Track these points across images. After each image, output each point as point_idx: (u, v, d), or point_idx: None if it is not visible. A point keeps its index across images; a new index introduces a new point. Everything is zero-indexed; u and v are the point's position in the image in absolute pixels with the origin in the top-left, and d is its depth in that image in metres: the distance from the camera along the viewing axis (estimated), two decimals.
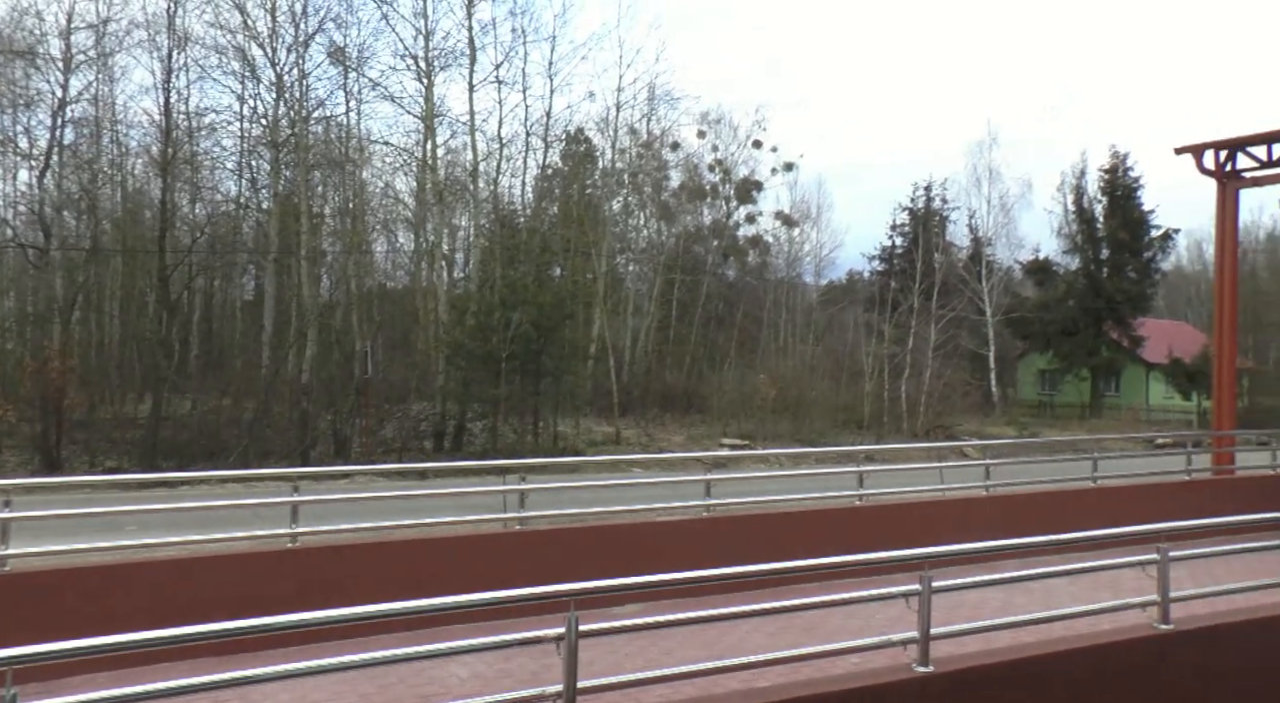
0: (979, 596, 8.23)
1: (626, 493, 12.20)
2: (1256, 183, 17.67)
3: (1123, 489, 14.25)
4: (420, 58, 31.89)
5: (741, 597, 6.07)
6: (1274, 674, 7.45)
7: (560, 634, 4.86)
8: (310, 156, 31.90)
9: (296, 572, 8.36)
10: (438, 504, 11.10)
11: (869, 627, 6.79)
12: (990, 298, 48.99)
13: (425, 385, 28.27)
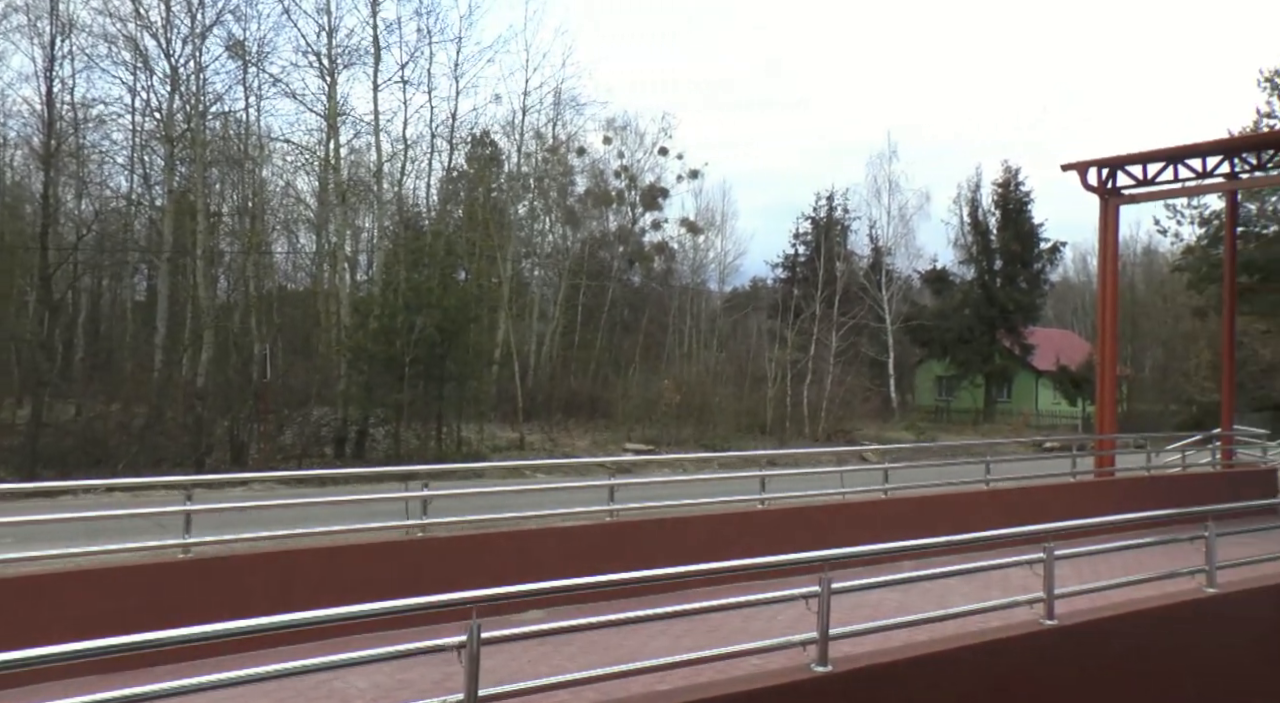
0: (877, 596, 8.43)
1: (530, 499, 12.15)
2: (1134, 200, 18.55)
3: (1013, 491, 14.75)
4: (323, 55, 31.22)
5: (646, 601, 6.11)
6: (1150, 664, 7.83)
7: (462, 642, 4.81)
8: (207, 153, 30.90)
9: (189, 584, 8.07)
10: (339, 512, 10.87)
11: (770, 629, 6.89)
12: (890, 306, 50.30)
13: (327, 390, 27.65)
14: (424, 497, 9.72)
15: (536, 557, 9.46)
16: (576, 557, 9.19)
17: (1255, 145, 19.92)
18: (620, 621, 5.72)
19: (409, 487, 10.06)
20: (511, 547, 9.67)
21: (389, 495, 10.68)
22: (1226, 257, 22.02)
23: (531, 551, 9.66)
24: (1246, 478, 18.65)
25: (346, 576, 8.48)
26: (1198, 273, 37.21)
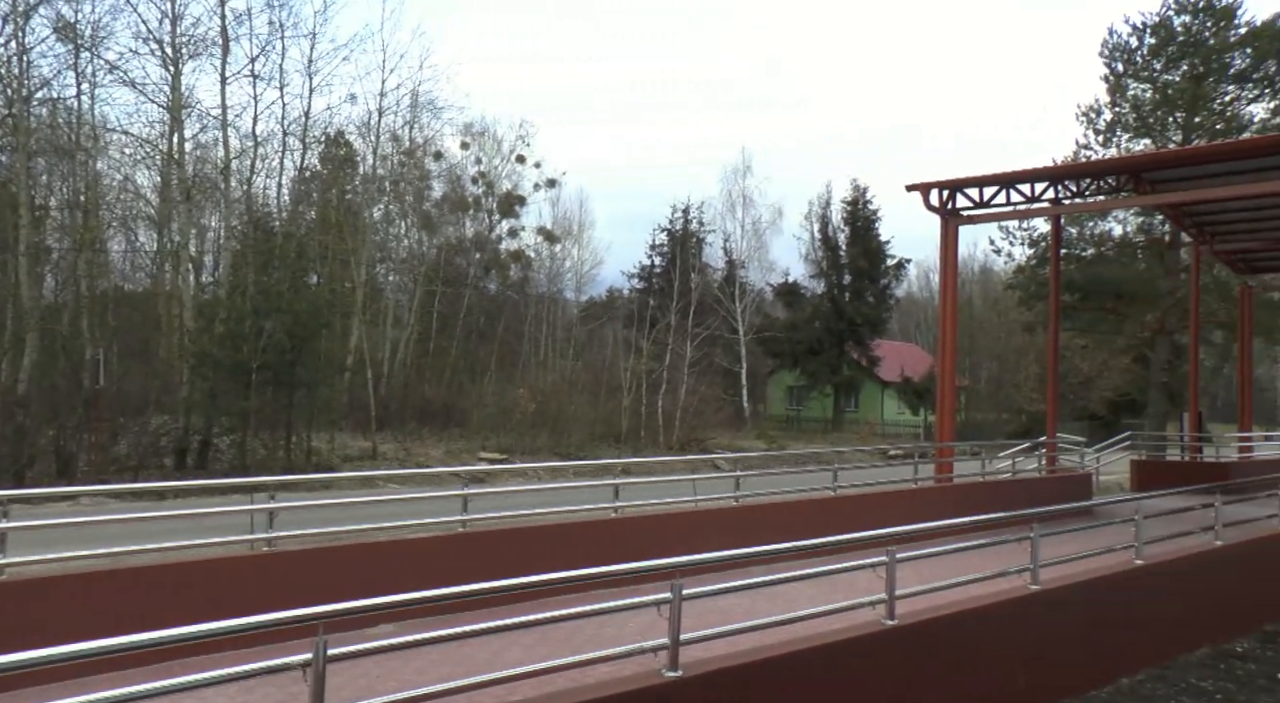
0: (728, 601, 8.58)
1: (382, 510, 11.84)
2: (972, 220, 19.55)
3: (860, 497, 15.30)
4: (166, 43, 29.62)
5: (498, 612, 6.05)
6: (982, 656, 8.28)
7: (307, 660, 4.67)
8: (32, 142, 28.90)
9: (4, 608, 7.52)
10: (179, 527, 10.36)
11: (623, 636, 6.96)
12: (743, 318, 51.47)
13: (167, 397, 26.24)
14: (271, 509, 9.37)
15: (388, 570, 9.25)
16: (429, 569, 9.02)
17: (1075, 174, 21.35)
18: (470, 633, 5.66)
19: (255, 499, 9.68)
20: (362, 560, 9.43)
21: (234, 508, 10.25)
22: (1052, 276, 23.50)
23: (382, 563, 9.44)
24: (1067, 482, 19.93)
25: (188, 594, 8.08)
26: (1027, 291, 39.59)
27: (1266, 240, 25.05)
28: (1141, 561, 10.37)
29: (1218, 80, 35.09)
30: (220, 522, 10.21)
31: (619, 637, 6.95)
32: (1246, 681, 9.73)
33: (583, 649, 6.20)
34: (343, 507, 11.68)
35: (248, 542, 9.42)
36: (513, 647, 7.50)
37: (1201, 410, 28.77)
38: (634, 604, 6.20)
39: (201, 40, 30.36)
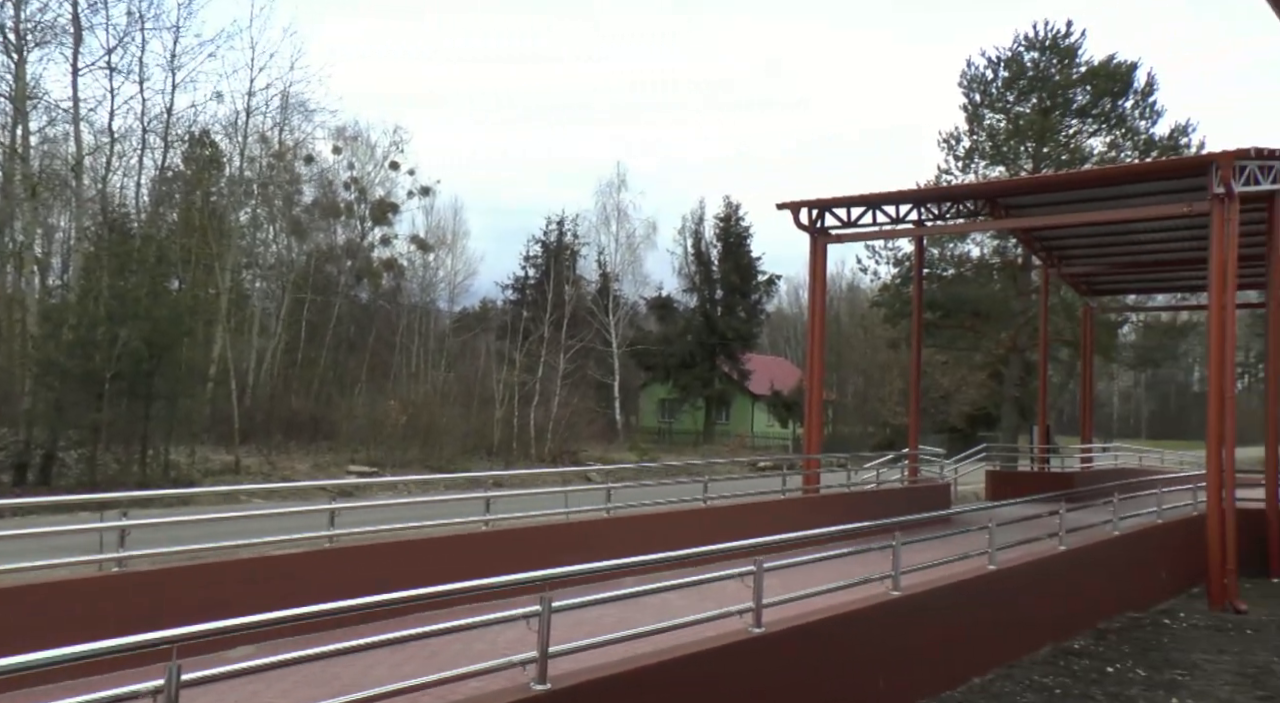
0: (599, 613, 8.63)
1: (245, 526, 11.39)
2: (840, 239, 20.20)
3: (730, 508, 15.55)
4: (8, 28, 27.93)
5: (365, 629, 5.93)
6: (846, 662, 8.54)
7: (159, 687, 4.47)
8: None
9: None
10: (17, 548, 9.74)
11: (492, 650, 6.90)
12: (616, 330, 51.79)
13: (7, 408, 24.67)
14: (122, 527, 8.91)
15: (250, 589, 8.92)
16: (293, 587, 8.76)
17: (937, 198, 22.33)
18: (334, 652, 5.52)
19: (105, 516, 9.19)
20: (221, 579, 9.07)
21: (80, 527, 9.71)
22: (915, 295, 24.46)
23: (244, 582, 9.10)
24: (928, 492, 20.74)
25: (26, 621, 7.61)
26: (892, 308, 41.11)
27: (1105, 265, 26.69)
28: (994, 566, 10.88)
29: (1063, 114, 37.38)
30: (66, 541, 9.67)
31: (489, 652, 6.89)
32: (1081, 675, 10.33)
33: (451, 665, 6.11)
34: (202, 523, 11.20)
35: (96, 562, 8.94)
36: (379, 665, 7.35)
37: (1049, 424, 30.41)
38: (502, 618, 6.16)
39: (50, 28, 28.69)
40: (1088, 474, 26.63)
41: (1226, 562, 14.83)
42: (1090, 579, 13.03)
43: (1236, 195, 15.19)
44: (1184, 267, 24.94)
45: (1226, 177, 14.96)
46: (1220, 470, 15.30)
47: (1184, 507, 17.04)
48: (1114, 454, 37.57)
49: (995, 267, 39.21)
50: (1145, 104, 36.85)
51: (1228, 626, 13.39)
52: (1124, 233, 23.11)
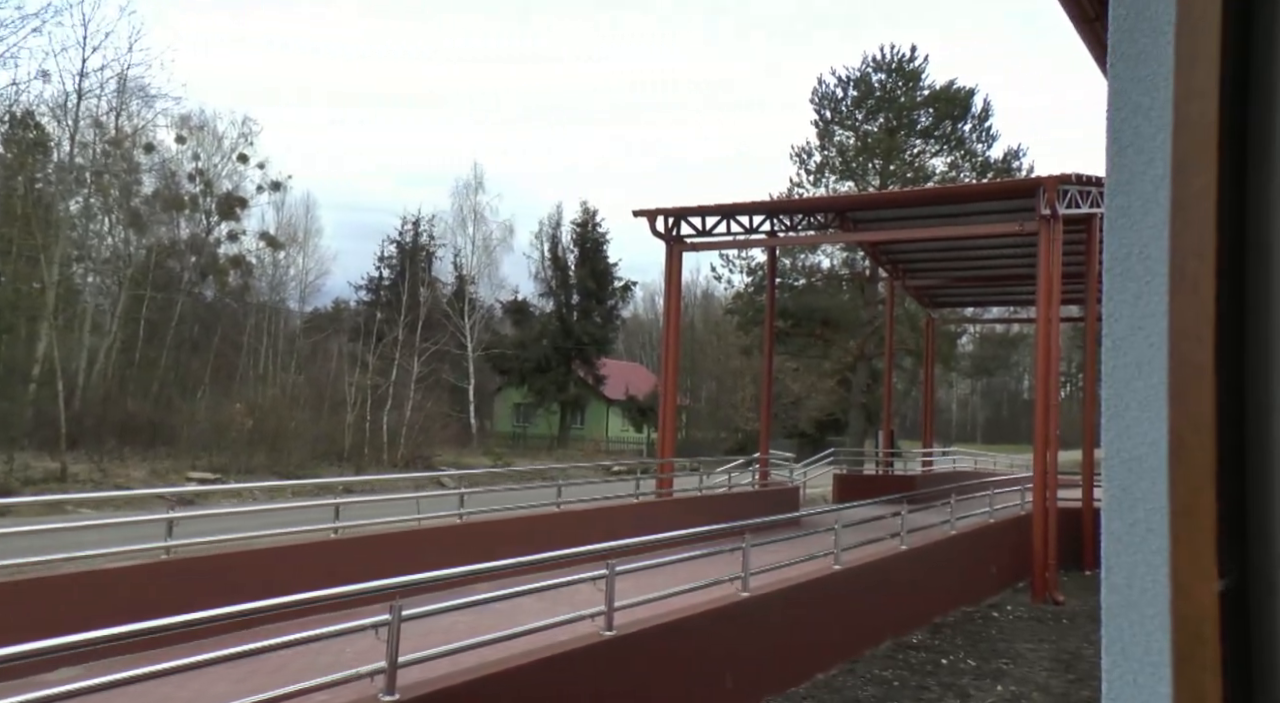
0: (450, 620, 8.56)
1: (72, 538, 10.78)
2: (695, 248, 20.59)
3: (583, 512, 15.65)
4: None
5: (205, 645, 5.72)
6: (696, 661, 8.72)
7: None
8: None
9: None
10: None
11: (339, 662, 6.76)
12: (472, 334, 51.20)
13: None
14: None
15: (76, 606, 8.45)
16: (126, 602, 8.35)
17: (789, 209, 23.04)
18: (167, 670, 5.29)
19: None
20: (42, 596, 8.54)
21: None
22: (767, 303, 25.14)
23: (68, 599, 8.60)
24: (777, 495, 21.34)
25: None
26: (745, 316, 42.14)
27: (946, 278, 28.09)
28: (839, 566, 11.32)
29: (908, 134, 39.21)
30: None
31: (336, 664, 6.74)
32: (918, 667, 10.87)
33: (297, 678, 5.96)
34: (20, 536, 10.53)
35: None
36: (220, 682, 7.08)
37: (893, 429, 31.72)
38: (351, 629, 6.06)
39: None
40: (928, 477, 27.91)
41: (1048, 558, 15.84)
42: (928, 577, 13.70)
43: (1060, 217, 16.27)
44: (1016, 282, 26.48)
45: (1052, 199, 16.00)
46: (1044, 473, 16.32)
47: (1013, 507, 18.12)
48: (952, 458, 39.50)
49: (844, 278, 40.69)
50: (982, 128, 39.06)
51: (1048, 616, 14.32)
52: (963, 249, 24.40)
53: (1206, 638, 0.69)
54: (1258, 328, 0.75)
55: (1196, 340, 0.74)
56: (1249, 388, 0.75)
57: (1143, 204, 0.82)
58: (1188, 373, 0.74)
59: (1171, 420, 0.74)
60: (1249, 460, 0.75)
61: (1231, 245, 0.77)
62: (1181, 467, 0.73)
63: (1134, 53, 0.83)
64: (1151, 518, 0.78)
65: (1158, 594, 0.76)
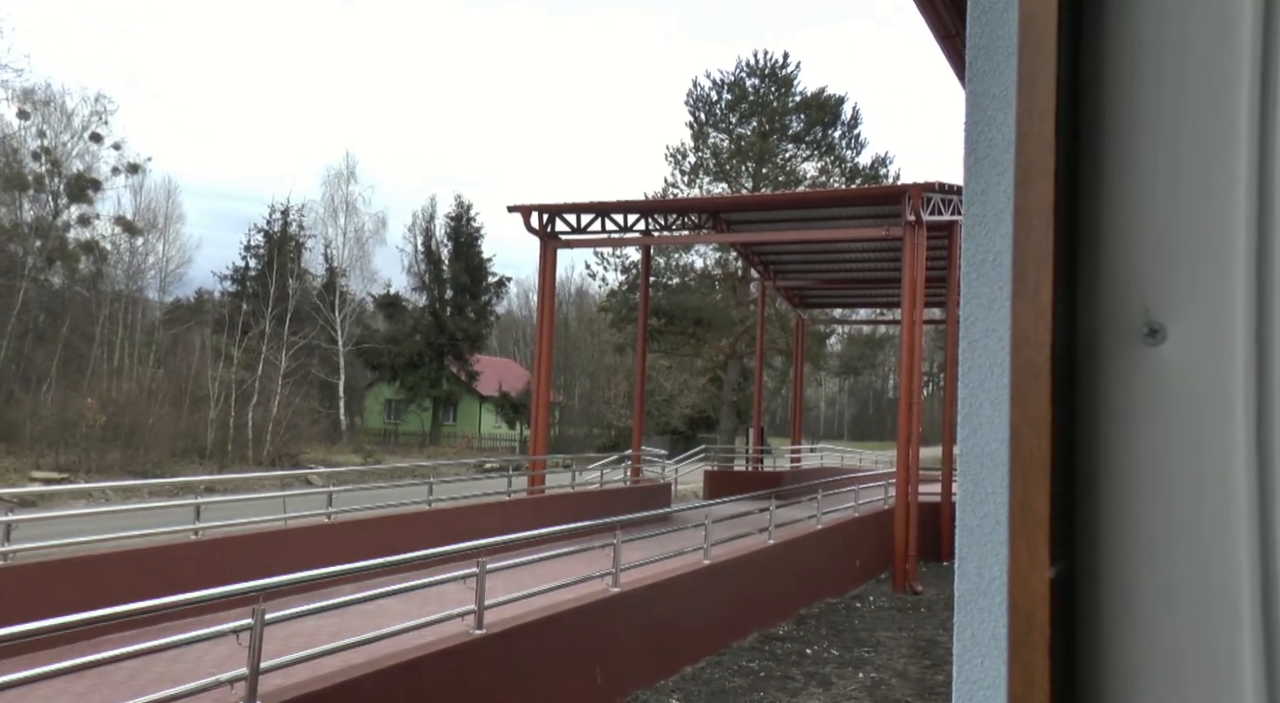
0: (316, 623, 8.35)
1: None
2: (570, 244, 20.57)
3: (455, 510, 15.45)
4: None
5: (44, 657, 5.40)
6: (566, 657, 8.73)
7: None
8: None
9: None
10: None
11: (198, 670, 6.50)
12: (343, 328, 49.87)
13: None
14: None
15: None
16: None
17: (664, 209, 23.27)
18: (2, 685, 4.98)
19: None
20: None
21: None
22: (641, 302, 25.32)
23: None
24: (649, 492, 21.52)
25: None
26: (619, 314, 42.39)
27: (816, 280, 28.85)
28: (709, 561, 11.50)
29: (780, 138, 40.14)
30: None
31: (193, 672, 6.48)
32: (784, 657, 11.16)
33: (148, 689, 5.71)
34: None
35: None
36: (62, 695, 6.71)
37: (763, 426, 32.41)
38: (210, 634, 5.82)
39: None
40: (796, 473, 28.63)
41: (909, 550, 16.46)
42: (795, 570, 14.06)
43: (924, 223, 16.92)
44: (882, 285, 27.40)
45: (917, 206, 16.63)
46: (907, 468, 16.95)
47: (877, 501, 18.76)
48: (820, 455, 40.59)
49: (717, 278, 41.35)
50: (851, 135, 40.31)
51: (907, 606, 14.90)
52: (832, 252, 25.11)
53: (1038, 622, 0.74)
54: (1088, 332, 0.81)
55: (1035, 343, 0.79)
56: (1080, 389, 0.80)
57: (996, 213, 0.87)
58: (1027, 374, 0.79)
59: (1013, 419, 0.79)
60: (1078, 457, 0.80)
61: (1066, 254, 0.82)
62: (1019, 463, 0.77)
63: (989, 69, 0.88)
64: (999, 511, 0.83)
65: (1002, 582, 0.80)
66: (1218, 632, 0.73)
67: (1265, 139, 0.76)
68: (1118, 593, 0.77)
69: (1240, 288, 0.76)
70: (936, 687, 10.16)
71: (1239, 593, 0.74)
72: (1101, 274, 0.81)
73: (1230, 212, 0.77)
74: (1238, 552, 0.74)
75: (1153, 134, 0.81)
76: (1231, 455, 0.75)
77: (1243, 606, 0.74)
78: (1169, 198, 0.80)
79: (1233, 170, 0.77)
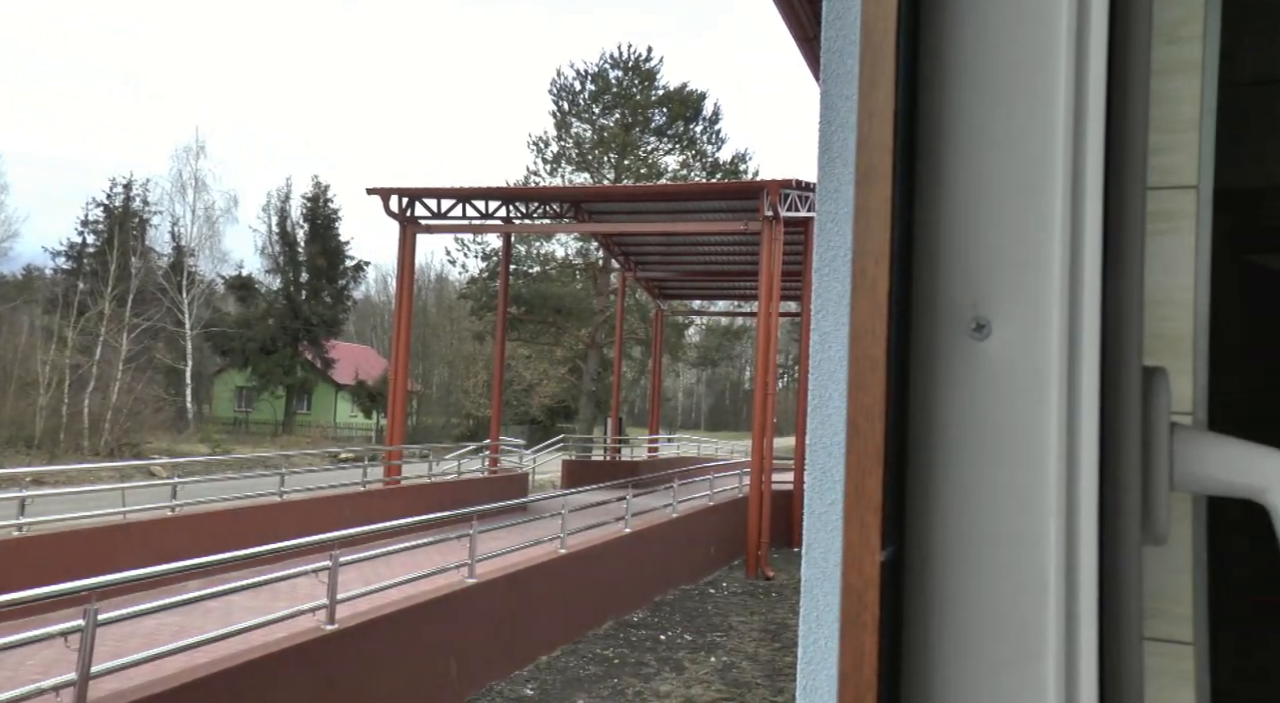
0: (156, 622, 7.97)
1: None
2: (430, 230, 20.21)
3: (308, 502, 15.00)
4: None
5: None
6: (421, 649, 8.61)
7: None
8: None
9: None
10: None
11: (19, 677, 6.12)
12: (190, 311, 47.60)
13: None
14: None
15: None
16: None
17: (526, 197, 23.13)
18: None
19: None
20: None
21: None
22: (501, 290, 25.12)
23: None
24: (507, 481, 21.42)
25: None
26: (479, 302, 41.93)
27: (676, 272, 29.22)
28: (565, 550, 11.53)
29: (642, 131, 40.47)
30: None
31: (14, 679, 6.09)
32: (638, 644, 11.32)
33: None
34: None
35: None
36: None
37: (621, 416, 32.65)
38: (34, 638, 5.47)
39: None
40: (654, 462, 28.97)
41: (761, 536, 16.91)
42: (650, 558, 14.25)
43: (781, 219, 17.37)
44: (740, 278, 27.97)
45: (774, 202, 17.05)
46: (761, 457, 17.40)
47: (732, 489, 19.19)
48: (677, 444, 41.18)
49: (578, 268, 41.38)
50: (712, 131, 40.97)
51: (759, 591, 15.32)
52: (692, 245, 25.47)
53: (868, 602, 0.78)
54: (922, 327, 0.85)
55: (872, 336, 0.83)
56: (913, 381, 0.85)
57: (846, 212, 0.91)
58: (864, 366, 0.83)
59: (850, 409, 0.83)
60: (909, 445, 0.85)
61: (903, 252, 0.86)
62: (854, 452, 0.81)
63: (842, 72, 0.92)
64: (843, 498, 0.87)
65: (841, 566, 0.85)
66: (1027, 610, 0.79)
67: (1078, 155, 0.83)
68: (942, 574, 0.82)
69: (1056, 290, 0.82)
70: (785, 668, 10.50)
71: (1046, 574, 0.80)
72: (935, 272, 0.85)
73: (1049, 220, 0.83)
74: (1047, 535, 0.80)
75: (984, 143, 0.87)
76: (1045, 443, 0.81)
77: (1049, 586, 0.80)
78: (998, 204, 0.86)
79: (1051, 182, 0.83)
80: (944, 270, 0.86)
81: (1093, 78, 0.83)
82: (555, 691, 9.47)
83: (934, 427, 0.83)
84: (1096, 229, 0.83)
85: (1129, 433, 0.86)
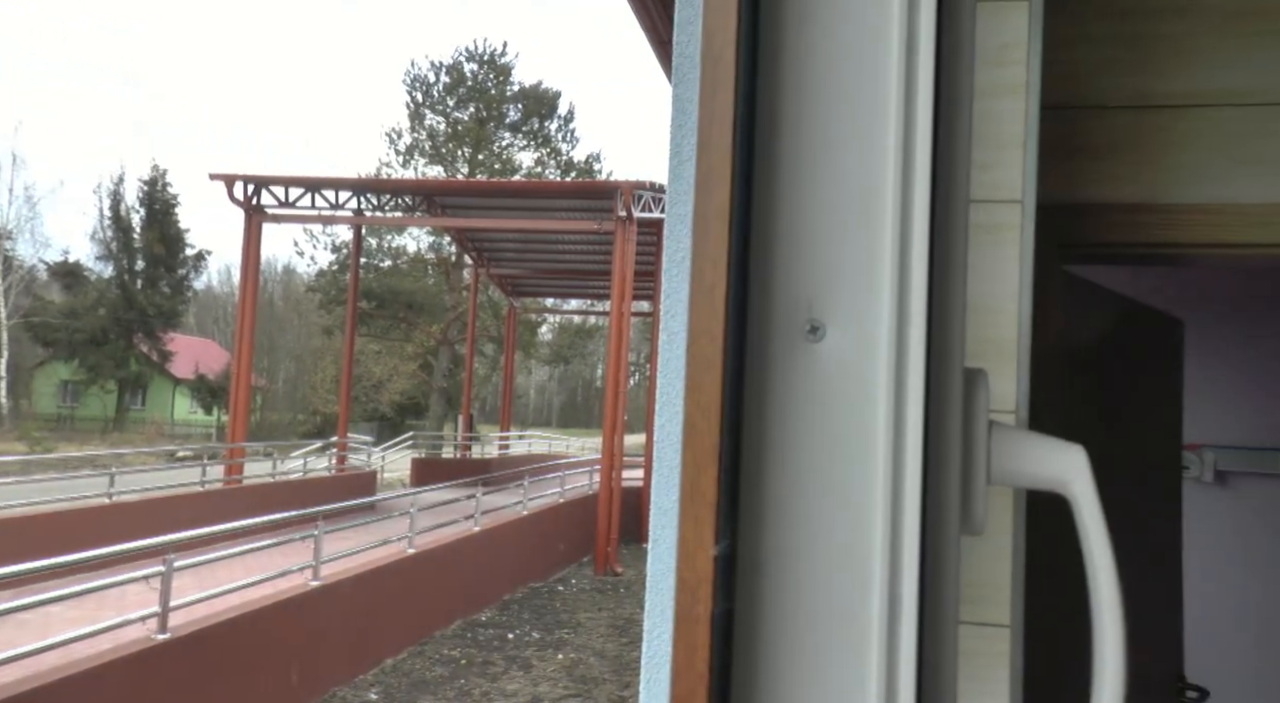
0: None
1: None
2: (277, 220, 19.47)
3: (141, 503, 14.23)
4: None
5: None
6: (262, 656, 8.29)
7: None
8: None
9: None
10: None
11: None
12: (8, 298, 44.36)
13: None
14: None
15: None
16: None
17: (378, 189, 22.58)
18: None
19: None
20: None
21: None
22: (351, 283, 24.46)
23: None
24: (354, 480, 20.89)
25: None
26: (328, 295, 40.72)
27: (529, 269, 29.07)
28: (414, 550, 11.32)
29: (497, 126, 40.18)
30: None
31: None
32: (486, 643, 11.23)
33: None
34: None
35: None
36: None
37: (473, 413, 32.27)
38: None
39: None
40: (505, 460, 28.77)
41: (611, 533, 17.03)
42: (500, 556, 14.15)
43: (635, 220, 17.53)
44: (594, 277, 28.05)
45: (628, 203, 17.20)
46: (611, 455, 17.51)
47: (582, 487, 19.25)
48: (529, 442, 41.03)
49: (430, 262, 40.71)
50: (567, 130, 41.03)
51: (608, 587, 15.43)
52: (546, 242, 25.38)
53: (701, 596, 0.80)
54: (758, 328, 0.88)
55: (709, 337, 0.85)
56: (748, 380, 0.88)
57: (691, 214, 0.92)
58: (700, 366, 0.85)
59: (687, 408, 0.84)
60: (743, 443, 0.87)
61: (740, 255, 0.89)
62: (690, 449, 0.83)
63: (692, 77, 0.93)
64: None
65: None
66: (853, 602, 0.83)
67: (906, 168, 0.87)
68: (773, 568, 0.85)
69: (886, 295, 0.86)
70: (632, 663, 10.62)
71: (871, 565, 0.84)
72: (772, 276, 0.88)
73: (879, 228, 0.87)
74: (873, 528, 0.84)
75: (819, 151, 0.90)
76: (873, 440, 0.85)
77: (874, 576, 0.84)
78: (832, 211, 0.89)
79: (882, 192, 0.87)
80: (780, 274, 0.89)
81: (921, 94, 0.87)
82: (400, 694, 9.29)
83: (769, 425, 0.86)
84: (923, 238, 0.88)
85: (951, 431, 0.91)
